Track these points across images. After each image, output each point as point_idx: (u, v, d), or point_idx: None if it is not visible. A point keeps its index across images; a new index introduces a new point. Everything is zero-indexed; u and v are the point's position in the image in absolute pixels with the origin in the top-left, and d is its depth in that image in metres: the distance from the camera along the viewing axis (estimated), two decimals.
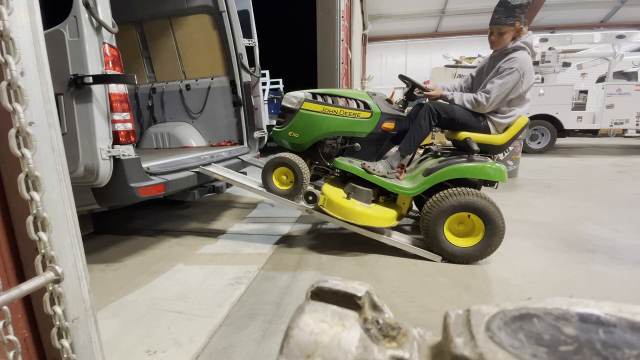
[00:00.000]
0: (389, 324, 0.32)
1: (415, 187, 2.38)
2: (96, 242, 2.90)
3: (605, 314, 0.27)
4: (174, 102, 4.04)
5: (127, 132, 2.06)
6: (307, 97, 2.53)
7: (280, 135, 2.64)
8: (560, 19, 12.52)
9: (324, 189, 2.45)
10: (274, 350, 1.50)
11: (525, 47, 2.28)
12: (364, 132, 2.50)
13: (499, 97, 2.27)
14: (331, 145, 2.64)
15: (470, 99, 2.35)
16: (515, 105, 2.36)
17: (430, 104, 2.41)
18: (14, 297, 0.70)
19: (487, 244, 2.24)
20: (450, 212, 2.25)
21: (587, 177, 5.08)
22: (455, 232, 2.34)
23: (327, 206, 2.37)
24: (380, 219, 2.33)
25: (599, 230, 2.74)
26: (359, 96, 2.53)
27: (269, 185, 2.62)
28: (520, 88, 2.26)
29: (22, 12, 0.80)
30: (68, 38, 1.84)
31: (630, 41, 7.68)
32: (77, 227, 0.98)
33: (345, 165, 2.46)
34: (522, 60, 2.22)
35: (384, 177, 2.43)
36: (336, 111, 2.48)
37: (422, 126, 2.40)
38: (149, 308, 1.87)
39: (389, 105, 2.59)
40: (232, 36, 3.54)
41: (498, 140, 2.40)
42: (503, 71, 2.25)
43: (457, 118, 2.37)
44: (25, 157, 0.76)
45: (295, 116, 2.53)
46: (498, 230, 2.22)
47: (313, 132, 2.53)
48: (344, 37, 5.57)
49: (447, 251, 2.30)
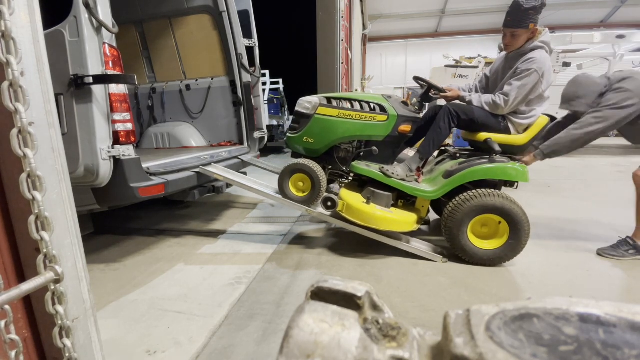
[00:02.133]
0: (389, 324, 0.32)
1: (437, 190, 2.33)
2: (96, 242, 2.90)
3: (605, 314, 0.27)
4: (174, 102, 4.04)
5: (127, 132, 2.06)
6: (322, 102, 2.50)
7: (295, 141, 2.61)
8: (560, 19, 12.51)
9: (341, 194, 2.40)
10: (274, 350, 1.50)
11: (543, 46, 2.22)
12: (380, 136, 2.46)
13: (518, 99, 2.23)
14: (347, 149, 2.61)
15: (489, 100, 2.31)
16: (535, 104, 2.31)
17: (449, 106, 2.37)
18: (14, 297, 0.70)
19: (512, 246, 2.20)
20: (474, 214, 2.21)
21: (587, 177, 5.08)
22: (478, 235, 2.30)
23: (346, 212, 2.33)
24: (401, 224, 2.29)
25: (599, 230, 2.74)
26: (374, 99, 2.50)
27: (285, 193, 2.57)
28: (539, 88, 2.21)
29: (22, 12, 0.80)
30: (68, 38, 1.84)
31: (630, 41, 7.67)
32: (77, 227, 0.97)
33: (363, 170, 2.42)
34: (541, 61, 2.16)
35: (403, 180, 2.37)
36: (352, 115, 2.44)
37: (442, 128, 2.35)
38: (149, 308, 1.87)
39: (405, 107, 2.55)
40: (232, 36, 3.54)
41: (519, 140, 2.36)
42: (521, 73, 2.19)
43: (476, 119, 2.32)
44: (27, 157, 0.76)
45: (310, 121, 2.50)
46: (524, 231, 2.17)
47: (329, 137, 2.49)
48: (344, 37, 5.57)
49: (471, 254, 2.25)
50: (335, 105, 2.49)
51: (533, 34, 2.22)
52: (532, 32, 2.21)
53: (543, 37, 2.23)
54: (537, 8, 2.12)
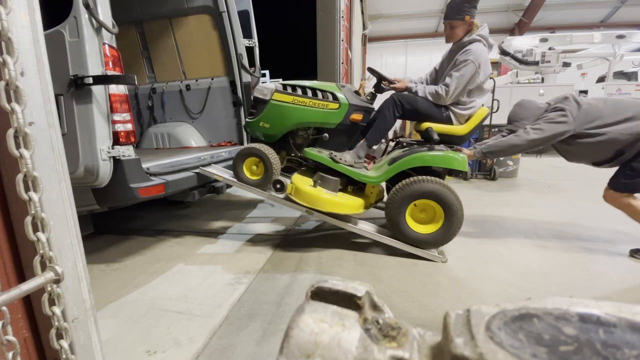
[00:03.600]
0: (389, 324, 0.32)
1: (380, 176, 2.45)
2: (96, 242, 2.90)
3: (605, 314, 0.27)
4: (174, 103, 4.04)
5: (127, 132, 2.06)
6: (278, 88, 2.58)
7: (252, 126, 2.70)
8: (560, 19, 12.51)
9: (293, 178, 2.52)
10: (274, 350, 1.50)
11: (480, 39, 2.37)
12: (333, 123, 2.54)
13: (458, 89, 2.35)
14: (303, 136, 2.69)
15: (432, 91, 2.44)
16: (475, 96, 2.45)
17: (394, 96, 2.50)
18: (13, 297, 0.69)
19: (445, 231, 2.30)
20: (412, 199, 2.31)
21: (587, 177, 5.08)
22: (418, 220, 2.40)
23: (294, 194, 2.44)
24: (345, 206, 2.40)
25: (599, 230, 2.74)
26: (327, 88, 2.58)
27: (239, 175, 2.67)
28: (477, 79, 2.35)
29: (21, 12, 0.80)
30: (68, 39, 1.84)
31: (630, 41, 7.67)
32: (77, 227, 0.97)
33: (314, 155, 2.54)
34: (477, 52, 2.31)
35: (351, 166, 2.50)
36: (305, 102, 2.52)
37: (387, 116, 2.49)
38: (149, 308, 1.87)
39: (357, 97, 2.64)
40: (232, 36, 3.54)
41: (460, 130, 2.49)
42: (460, 64, 2.33)
43: (420, 109, 2.45)
44: (24, 157, 0.75)
45: (267, 107, 2.58)
46: (456, 217, 2.27)
47: (283, 123, 2.58)
48: (344, 37, 5.57)
49: (408, 237, 2.36)
50: (290, 91, 2.57)
51: (470, 26, 2.39)
52: (470, 25, 2.38)
53: (480, 30, 2.38)
54: (471, 0, 2.32)
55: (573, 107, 2.23)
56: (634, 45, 8.37)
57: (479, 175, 5.18)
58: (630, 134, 2.12)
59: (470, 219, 3.26)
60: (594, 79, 8.96)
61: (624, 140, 2.14)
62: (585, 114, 2.20)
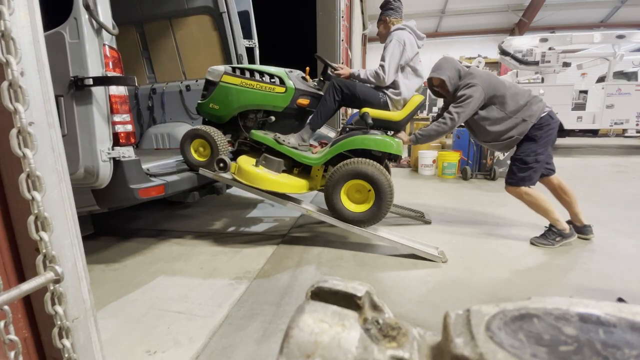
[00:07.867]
0: (389, 324, 0.32)
1: (319, 157, 2.55)
2: (96, 242, 2.90)
3: (605, 314, 0.27)
4: (174, 103, 4.04)
5: (127, 133, 2.06)
6: (227, 71, 2.63)
7: (203, 108, 2.75)
8: (560, 19, 12.52)
9: (238, 159, 2.57)
10: (274, 350, 1.50)
11: (403, 27, 2.64)
12: (279, 107, 2.61)
13: (392, 66, 2.54)
14: (252, 119, 2.76)
15: (373, 72, 2.58)
16: (410, 78, 2.65)
17: (334, 80, 2.61)
18: (14, 297, 0.70)
19: (374, 212, 2.39)
20: (347, 178, 2.39)
21: (587, 177, 5.08)
22: (353, 199, 2.49)
23: (237, 174, 2.51)
24: (284, 186, 2.48)
25: (599, 230, 2.74)
26: (276, 72, 2.63)
27: (187, 157, 2.69)
28: (406, 54, 2.57)
29: (22, 12, 0.80)
30: (68, 40, 1.83)
31: (630, 41, 7.66)
32: (77, 227, 0.97)
33: (259, 137, 2.61)
34: (396, 34, 2.58)
35: (294, 148, 2.57)
36: (253, 85, 2.59)
37: (327, 101, 2.59)
38: (149, 308, 1.87)
39: (304, 82, 2.70)
40: (233, 37, 3.54)
41: (395, 116, 2.61)
42: (387, 46, 2.59)
43: (357, 93, 2.57)
44: (27, 157, 0.76)
45: (216, 89, 2.64)
46: (385, 200, 2.36)
47: (232, 105, 2.65)
48: (344, 37, 5.57)
49: (340, 214, 2.45)
50: (239, 74, 2.63)
51: (390, 24, 2.71)
52: (389, 23, 2.72)
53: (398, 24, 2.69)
54: (383, 5, 2.76)
55: (480, 77, 2.48)
56: (634, 45, 8.36)
57: (479, 175, 5.18)
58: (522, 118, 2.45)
59: (470, 219, 3.26)
60: (594, 79, 8.95)
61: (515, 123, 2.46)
62: (488, 82, 2.46)
